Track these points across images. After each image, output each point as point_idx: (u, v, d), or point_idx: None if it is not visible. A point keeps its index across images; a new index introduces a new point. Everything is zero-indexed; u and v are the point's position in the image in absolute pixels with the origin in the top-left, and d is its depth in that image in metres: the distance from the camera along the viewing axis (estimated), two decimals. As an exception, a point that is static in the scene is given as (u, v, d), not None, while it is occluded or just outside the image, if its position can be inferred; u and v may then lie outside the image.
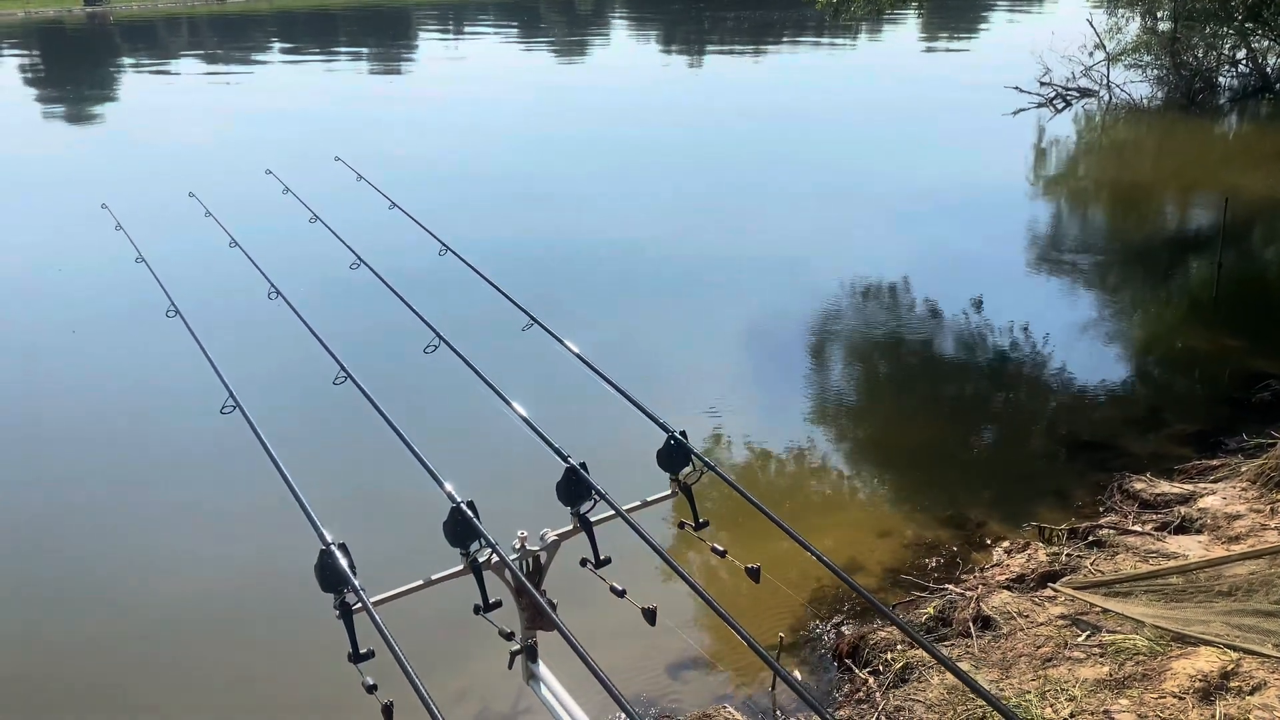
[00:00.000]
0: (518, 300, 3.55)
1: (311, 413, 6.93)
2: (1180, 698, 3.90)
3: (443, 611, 2.69)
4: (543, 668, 2.81)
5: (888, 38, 33.95)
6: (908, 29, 35.31)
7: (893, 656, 4.71)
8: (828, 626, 5.41)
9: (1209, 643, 4.20)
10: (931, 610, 5.17)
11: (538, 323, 3.45)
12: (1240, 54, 20.54)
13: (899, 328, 10.09)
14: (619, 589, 2.60)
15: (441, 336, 3.29)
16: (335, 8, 48.81)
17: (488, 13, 45.90)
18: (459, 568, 2.55)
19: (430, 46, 36.32)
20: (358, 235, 4.24)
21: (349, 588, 2.27)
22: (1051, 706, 4.02)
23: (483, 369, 3.14)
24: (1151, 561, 5.20)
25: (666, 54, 34.39)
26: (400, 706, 2.14)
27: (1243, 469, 6.19)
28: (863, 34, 33.92)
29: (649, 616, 2.55)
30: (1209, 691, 3.89)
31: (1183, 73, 19.79)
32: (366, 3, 49.33)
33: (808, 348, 9.55)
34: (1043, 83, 20.26)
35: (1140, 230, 13.49)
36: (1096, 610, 4.74)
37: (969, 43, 33.99)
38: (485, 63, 30.61)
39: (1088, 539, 5.71)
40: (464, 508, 2.50)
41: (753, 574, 2.68)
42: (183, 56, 34.03)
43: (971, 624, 4.85)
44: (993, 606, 4.95)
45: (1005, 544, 5.96)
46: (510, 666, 2.79)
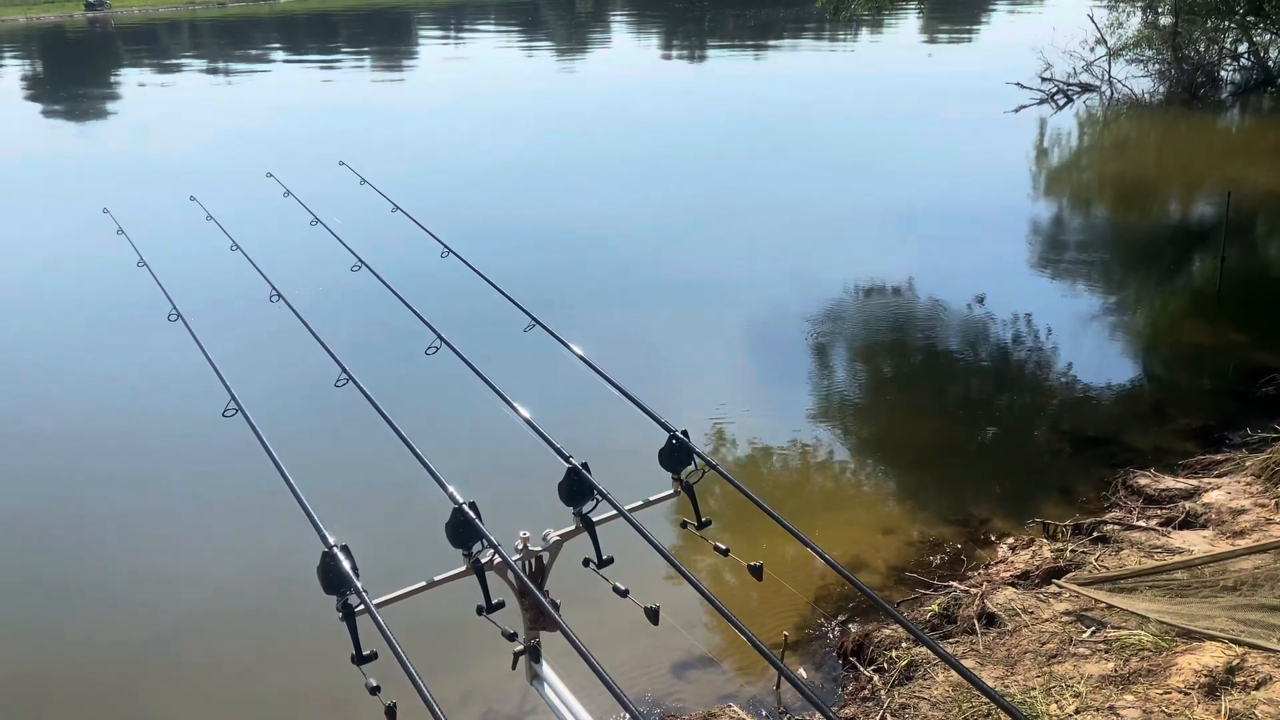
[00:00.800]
0: (519, 301, 3.55)
1: (313, 415, 6.94)
2: (1186, 693, 3.89)
3: (446, 613, 2.70)
4: (546, 668, 2.81)
5: (889, 35, 33.92)
6: (908, 26, 35.29)
7: (897, 654, 4.71)
8: (832, 625, 5.41)
9: (1214, 638, 4.19)
10: (936, 607, 5.17)
11: (539, 323, 3.45)
12: (1242, 48, 20.50)
13: (902, 325, 10.08)
14: (621, 589, 2.60)
15: (442, 338, 3.29)
16: (336, 11, 48.87)
17: (488, 15, 45.93)
18: (461, 569, 2.55)
19: (431, 49, 36.35)
20: (360, 238, 4.24)
21: (351, 590, 2.28)
22: (1057, 703, 4.01)
23: (484, 370, 3.14)
24: (1156, 557, 5.19)
25: (668, 54, 34.39)
26: (403, 708, 2.14)
27: (1247, 464, 6.18)
28: (864, 32, 33.89)
29: (652, 616, 2.54)
30: (1214, 687, 3.89)
31: (1184, 67, 19.75)
32: (367, 6, 49.39)
33: (811, 346, 9.54)
34: (1044, 79, 20.24)
35: (1143, 225, 13.47)
36: (1101, 606, 4.74)
37: (970, 39, 33.97)
38: (486, 65, 30.64)
39: (1092, 535, 5.70)
40: (466, 508, 2.50)
41: (755, 571, 2.67)
42: (184, 61, 34.09)
43: (976, 621, 4.85)
44: (997, 603, 4.94)
45: (1009, 540, 5.95)
46: (514, 667, 2.78)
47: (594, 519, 2.73)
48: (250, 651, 5.49)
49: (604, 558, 2.75)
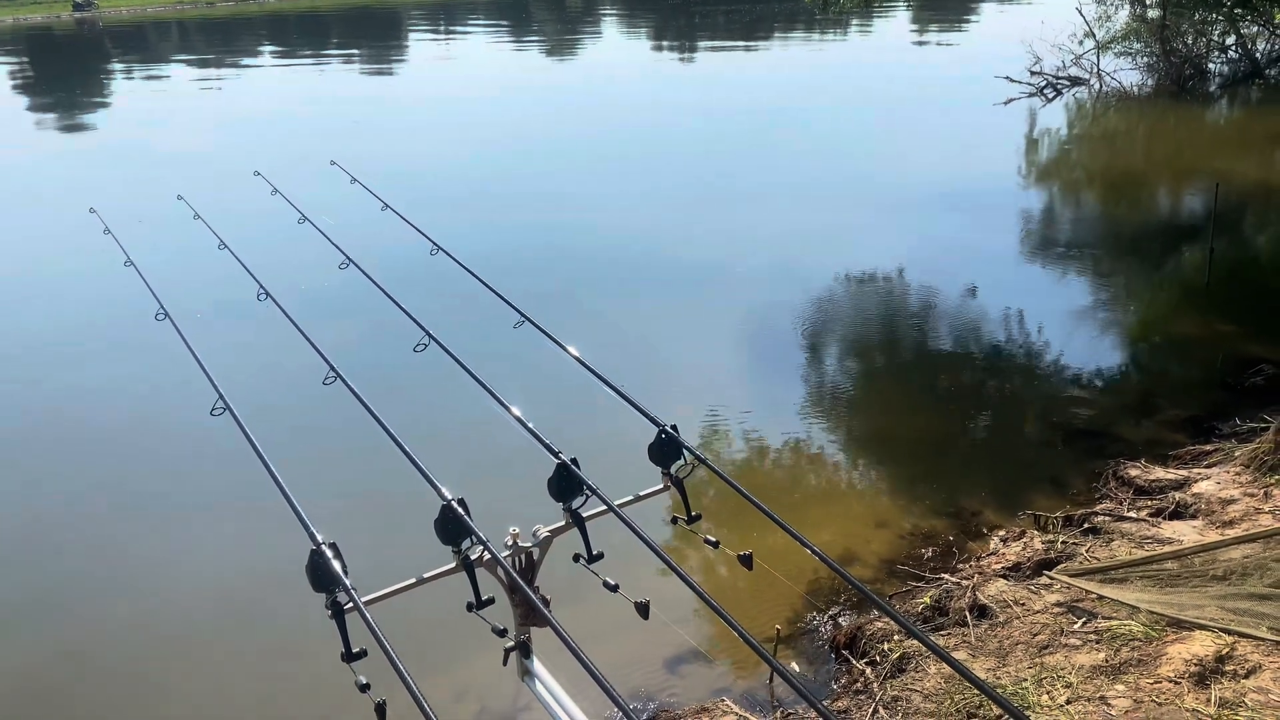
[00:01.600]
0: (509, 298, 3.55)
1: (302, 413, 6.93)
2: (1176, 682, 3.91)
3: (437, 610, 2.69)
4: (537, 664, 2.82)
5: (878, 30, 33.95)
6: (898, 21, 35.32)
7: (890, 647, 4.72)
8: (824, 618, 5.42)
9: (1204, 627, 4.21)
10: (928, 600, 5.18)
11: (528, 320, 3.45)
12: (1230, 40, 20.57)
13: (894, 319, 10.10)
14: (612, 584, 2.60)
15: (431, 335, 3.29)
16: (325, 10, 48.71)
17: (478, 12, 45.83)
18: (451, 565, 2.55)
19: (421, 47, 36.25)
20: (349, 236, 4.24)
21: (340, 587, 2.27)
22: (1048, 694, 4.03)
23: (473, 367, 3.14)
24: (1146, 547, 5.21)
25: (658, 50, 34.36)
26: (394, 705, 2.14)
27: (1236, 453, 6.21)
28: (853, 27, 33.91)
29: (642, 611, 2.55)
30: (1204, 676, 3.91)
31: (1172, 60, 19.81)
32: (356, 4, 49.23)
33: (803, 340, 9.55)
34: (1033, 72, 20.28)
35: (1132, 217, 13.51)
36: (1092, 597, 4.75)
37: (959, 34, 33.99)
38: (476, 62, 30.58)
39: (1083, 526, 5.72)
40: (455, 505, 2.50)
41: (745, 561, 2.68)
42: (173, 60, 33.95)
43: (968, 613, 4.86)
44: (989, 595, 4.96)
45: (1001, 533, 5.97)
46: (505, 663, 2.79)
47: (584, 514, 2.73)
48: (240, 651, 5.48)
49: (594, 553, 2.75)
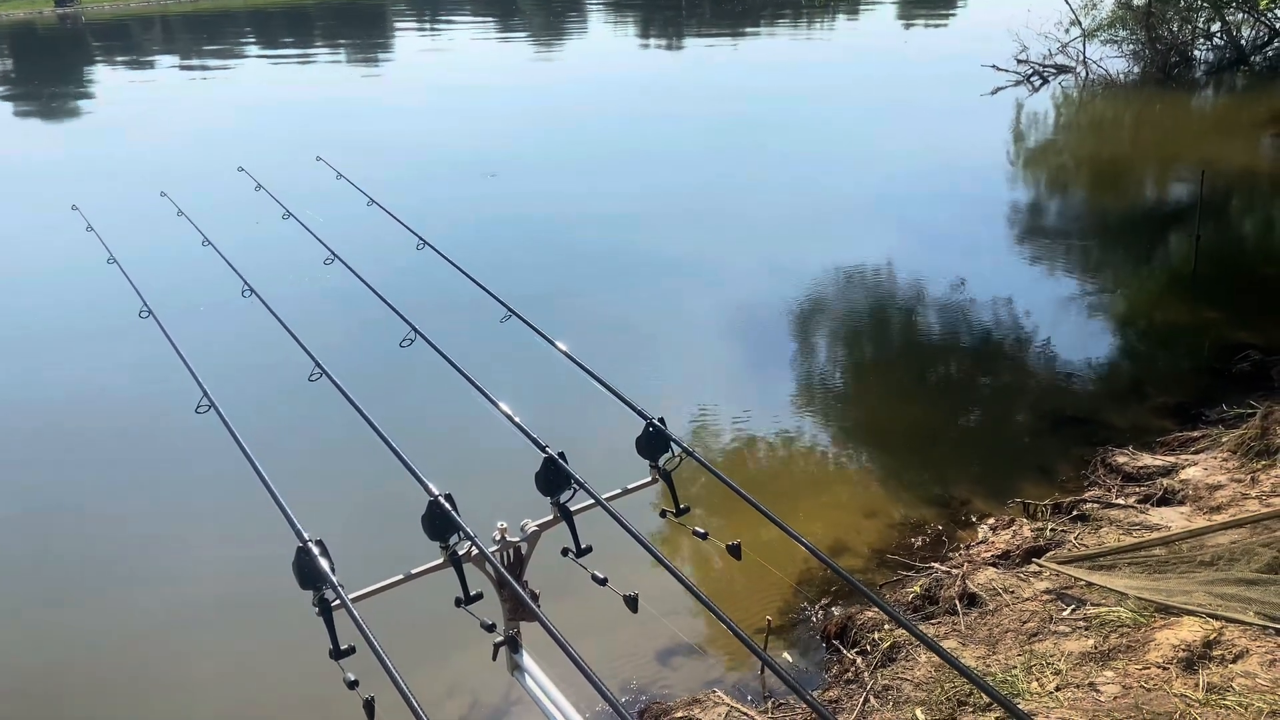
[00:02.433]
0: (495, 292, 3.54)
1: (287, 410, 6.90)
2: (1164, 668, 3.93)
3: (428, 605, 2.69)
4: (527, 658, 2.81)
5: (866, 20, 33.93)
6: (885, 9, 35.29)
7: (880, 636, 4.74)
8: (815, 608, 5.43)
9: (1192, 613, 4.24)
10: (918, 589, 5.20)
11: (515, 314, 3.44)
12: (1215, 27, 20.62)
13: (883, 310, 10.11)
14: (600, 577, 2.60)
15: (417, 330, 3.28)
16: (310, 3, 48.42)
17: (464, 4, 45.62)
18: (439, 561, 2.55)
19: (407, 40, 36.05)
20: (335, 232, 4.22)
21: (327, 585, 2.27)
22: (1038, 681, 4.05)
23: (460, 362, 3.13)
24: (1135, 534, 5.24)
25: (645, 42, 34.25)
26: (384, 702, 2.13)
27: (1223, 439, 6.24)
28: (840, 16, 33.88)
29: (631, 604, 2.55)
30: (1192, 661, 3.93)
31: (1158, 47, 19.85)
32: (341, -3, 48.94)
33: (792, 332, 9.55)
34: (1020, 60, 20.30)
35: (1119, 205, 13.53)
36: (1081, 584, 4.77)
37: (946, 23, 34.00)
38: (463, 56, 30.44)
39: (1072, 513, 5.74)
40: (442, 500, 2.49)
41: (733, 551, 2.68)
42: (156, 56, 33.71)
43: (958, 601, 4.88)
44: (978, 583, 4.97)
45: (990, 521, 5.99)
46: (494, 658, 2.79)
47: (572, 508, 2.73)
48: (228, 648, 5.45)
49: (583, 547, 2.75)
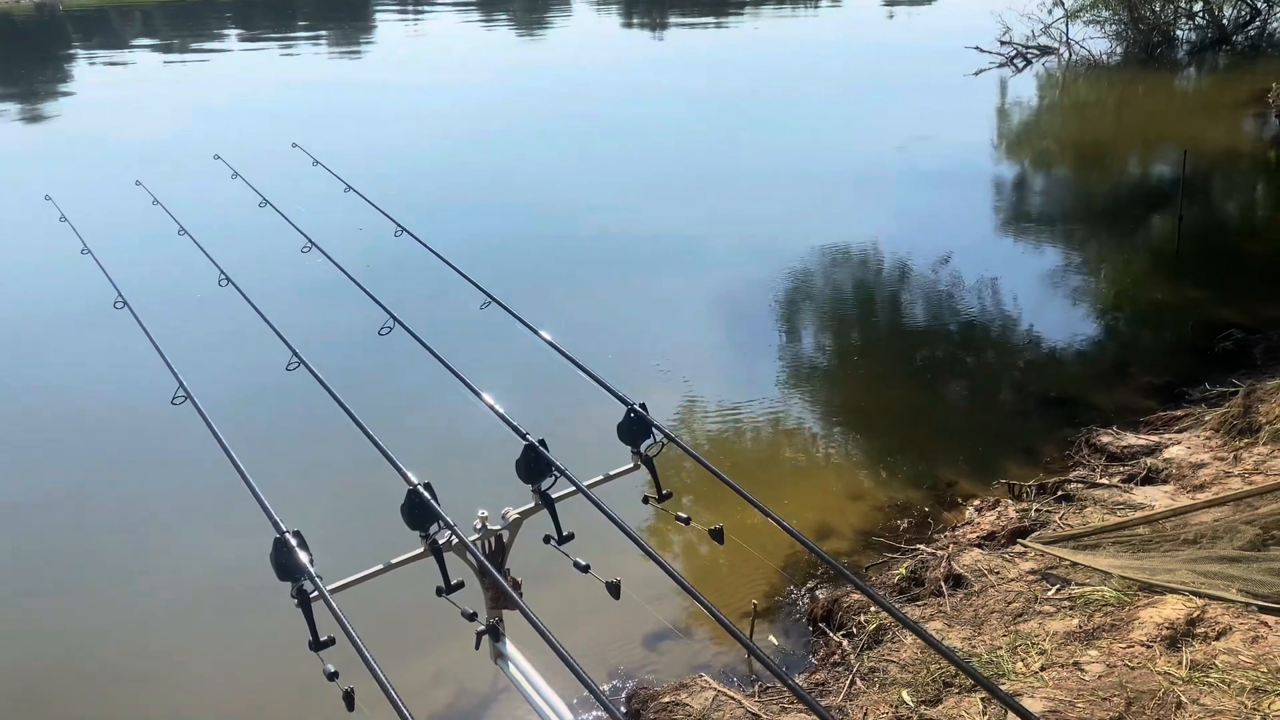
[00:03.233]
0: (475, 279, 3.51)
1: (265, 400, 6.85)
2: (1148, 646, 3.95)
3: (412, 595, 2.67)
4: (510, 647, 2.80)
5: (848, 3, 33.84)
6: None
7: (866, 619, 4.74)
8: (801, 591, 5.44)
9: (1175, 591, 4.26)
10: (904, 571, 5.21)
11: (495, 300, 3.41)
12: (1197, 6, 20.64)
13: (868, 293, 10.12)
14: (582, 564, 2.58)
15: (396, 318, 3.25)
16: (290, -9, 47.95)
17: (446, -10, 45.25)
18: (419, 551, 2.53)
19: (389, 28, 35.78)
20: (312, 220, 4.17)
21: (305, 576, 2.25)
22: (1023, 661, 4.06)
23: (439, 349, 3.10)
24: (1119, 513, 5.26)
25: (628, 27, 34.10)
26: (367, 692, 2.11)
27: (1206, 418, 6.26)
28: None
29: (613, 590, 2.54)
30: (1176, 639, 3.95)
31: (1141, 27, 19.87)
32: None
33: (777, 316, 9.54)
34: (1003, 41, 20.29)
35: (1103, 186, 13.57)
36: (1066, 564, 4.79)
37: (930, 2, 33.93)
38: (445, 43, 30.22)
39: (1056, 494, 5.76)
40: (421, 489, 2.47)
41: (716, 535, 2.67)
42: (136, 45, 33.36)
43: (943, 583, 4.89)
44: (964, 565, 4.98)
45: (976, 502, 6.00)
46: (477, 647, 2.78)
47: (553, 495, 2.71)
48: (207, 640, 5.40)
49: (564, 534, 2.73)
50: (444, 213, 12.09)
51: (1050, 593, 4.58)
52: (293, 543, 2.27)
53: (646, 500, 2.91)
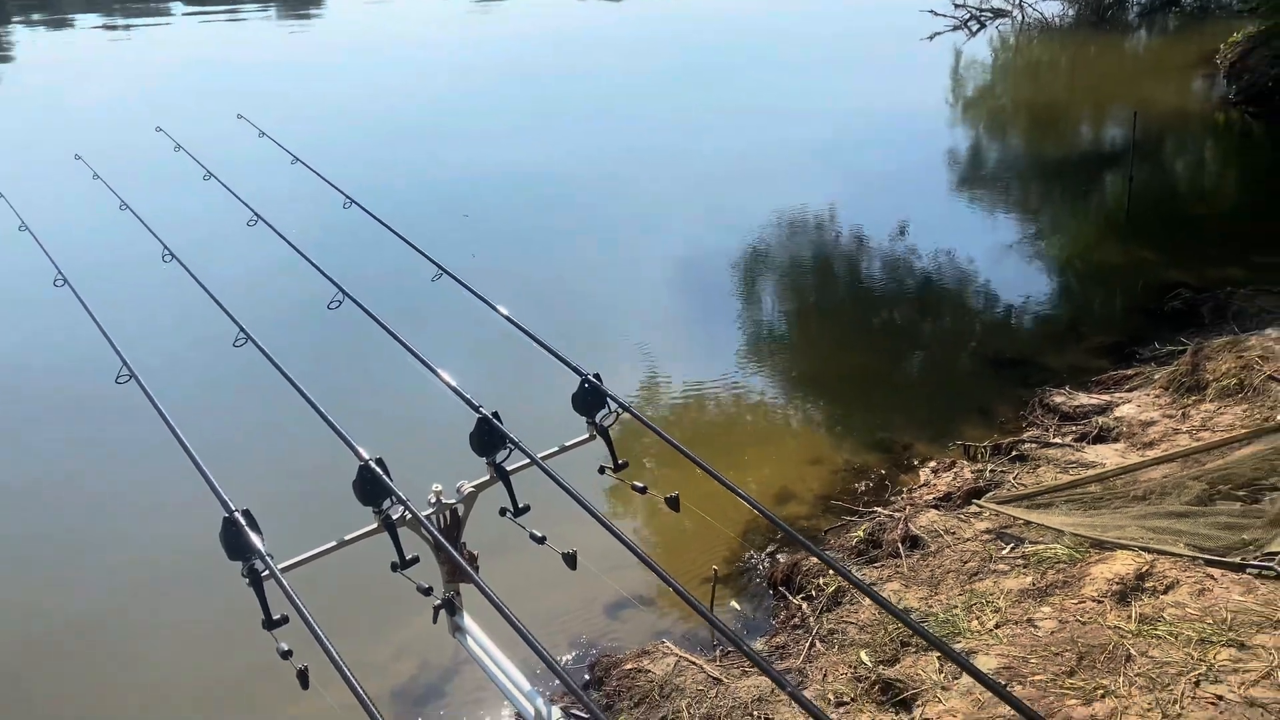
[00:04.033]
0: (426, 251, 3.46)
1: (212, 378, 6.72)
2: (1099, 601, 4.03)
3: (370, 571, 2.65)
4: (468, 620, 2.80)
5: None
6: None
7: (825, 581, 4.80)
8: (761, 556, 5.48)
9: (1125, 547, 4.34)
10: (861, 533, 5.27)
11: (446, 272, 3.37)
12: (1147, -31, 20.80)
13: (825, 259, 10.14)
14: (539, 536, 2.58)
15: (345, 291, 3.20)
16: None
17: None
18: (372, 527, 2.51)
19: (341, -4, 35.00)
20: (258, 192, 4.09)
21: (256, 555, 2.23)
22: (978, 619, 4.13)
23: (390, 323, 3.07)
24: (1071, 472, 5.34)
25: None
26: (323, 670, 2.09)
27: (1156, 377, 6.37)
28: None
29: (569, 561, 2.54)
30: (1125, 594, 4.03)
31: (1092, -11, 20.00)
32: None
33: (735, 283, 9.54)
34: (957, 5, 20.31)
35: (1057, 149, 13.68)
36: (1020, 523, 4.87)
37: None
38: (400, 9, 29.64)
39: (1011, 454, 5.84)
40: (373, 465, 2.45)
41: (671, 503, 2.68)
42: (78, 15, 32.37)
43: (900, 544, 4.95)
44: (920, 526, 5.05)
45: (932, 464, 6.08)
46: (435, 621, 2.77)
47: (508, 468, 2.70)
48: (157, 622, 5.33)
49: (520, 506, 2.73)
50: (395, 185, 11.89)
51: (1005, 552, 4.66)
52: (242, 522, 2.25)
53: (603, 470, 2.91)
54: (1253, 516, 4.34)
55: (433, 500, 2.66)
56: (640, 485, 2.79)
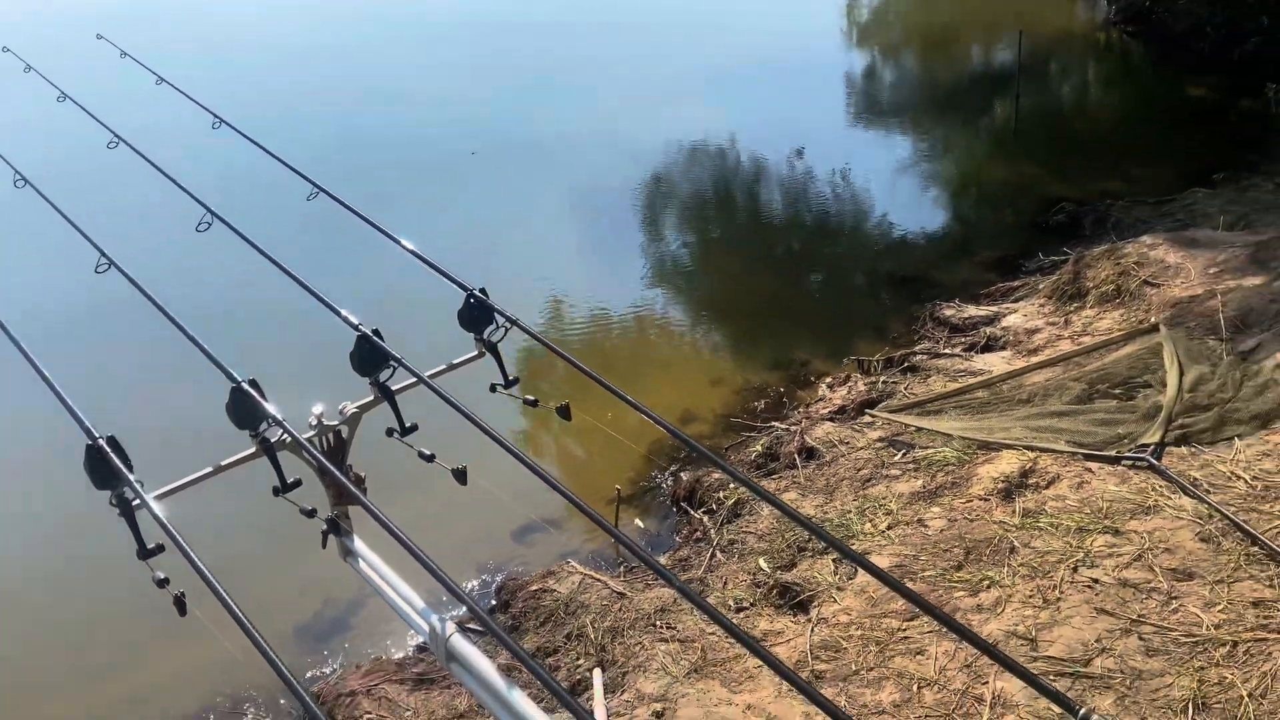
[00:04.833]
0: (300, 169, 3.31)
1: (73, 306, 6.37)
2: (985, 499, 4.19)
3: (276, 513, 2.57)
4: (358, 543, 2.74)
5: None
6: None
7: (725, 495, 4.88)
8: (665, 476, 5.54)
9: (1010, 446, 4.51)
10: (760, 448, 5.35)
11: (323, 191, 3.23)
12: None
13: (726, 187, 10.16)
14: (427, 454, 2.53)
15: (213, 212, 3.05)
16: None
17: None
18: (250, 451, 2.43)
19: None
20: (119, 114, 3.85)
21: (124, 483, 2.13)
22: (871, 522, 4.25)
23: (263, 244, 2.93)
24: (960, 380, 5.50)
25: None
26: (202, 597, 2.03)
27: (1040, 287, 6.58)
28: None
29: (459, 476, 2.50)
30: (1010, 490, 4.20)
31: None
32: None
33: (638, 214, 9.51)
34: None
35: (948, 71, 13.84)
36: (911, 430, 5.01)
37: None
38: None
39: (903, 366, 5.98)
40: (246, 386, 2.35)
41: (562, 412, 2.65)
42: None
43: (797, 456, 5.05)
44: (816, 438, 5.15)
45: (828, 380, 6.19)
46: (324, 545, 2.71)
47: (393, 387, 2.63)
48: (20, 557, 5.14)
49: (408, 426, 2.67)
50: (268, 109, 11.31)
51: (896, 458, 4.79)
52: (107, 449, 2.15)
53: (494, 389, 2.86)
54: (1127, 412, 4.54)
55: (313, 422, 2.58)
56: (532, 399, 2.75)
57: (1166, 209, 7.46)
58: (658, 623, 3.94)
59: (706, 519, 4.79)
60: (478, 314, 2.79)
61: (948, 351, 6.02)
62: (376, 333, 2.58)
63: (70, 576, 5.08)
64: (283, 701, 4.13)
